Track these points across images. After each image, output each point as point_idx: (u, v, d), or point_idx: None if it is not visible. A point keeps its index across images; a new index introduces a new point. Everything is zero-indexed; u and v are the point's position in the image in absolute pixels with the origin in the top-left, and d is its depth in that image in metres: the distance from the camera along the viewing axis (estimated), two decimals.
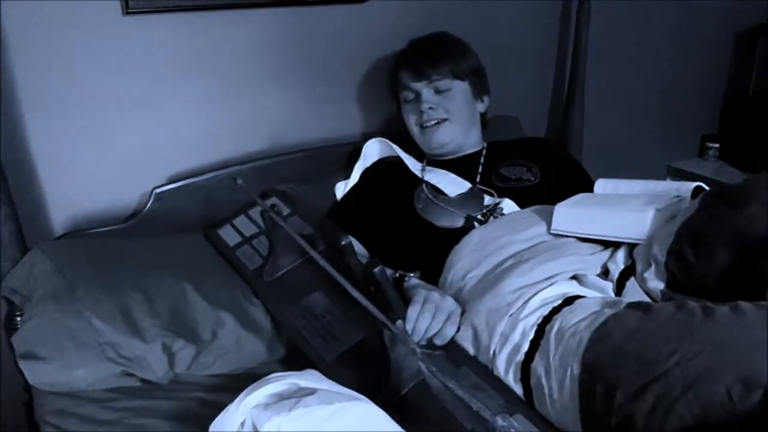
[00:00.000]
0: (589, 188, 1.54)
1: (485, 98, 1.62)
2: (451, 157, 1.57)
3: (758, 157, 2.32)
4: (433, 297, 1.15)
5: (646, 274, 1.11)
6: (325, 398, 0.89)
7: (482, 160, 1.56)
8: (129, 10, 1.46)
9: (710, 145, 2.49)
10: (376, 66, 1.81)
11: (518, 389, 1.03)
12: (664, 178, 2.45)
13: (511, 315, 1.08)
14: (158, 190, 1.56)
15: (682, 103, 2.44)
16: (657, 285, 1.09)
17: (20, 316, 1.33)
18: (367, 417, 0.92)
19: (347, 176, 1.64)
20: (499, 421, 0.82)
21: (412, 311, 1.12)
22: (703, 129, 2.55)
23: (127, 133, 1.55)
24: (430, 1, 1.82)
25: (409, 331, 1.09)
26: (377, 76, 1.82)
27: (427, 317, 1.12)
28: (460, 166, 1.54)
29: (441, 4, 1.84)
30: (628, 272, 1.16)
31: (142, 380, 1.21)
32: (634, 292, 1.13)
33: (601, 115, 2.15)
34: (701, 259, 1.03)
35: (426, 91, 1.52)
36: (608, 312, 0.98)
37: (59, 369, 1.17)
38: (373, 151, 1.63)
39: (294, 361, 1.22)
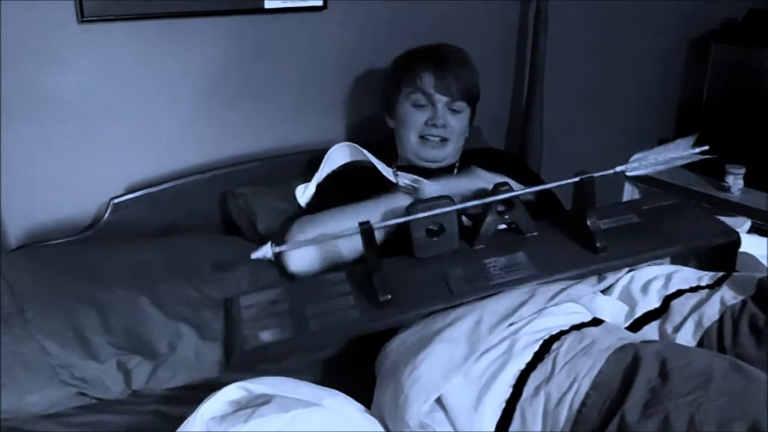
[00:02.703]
0: (552, 202, 1.56)
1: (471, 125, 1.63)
2: (424, 165, 1.56)
3: (712, 161, 2.38)
4: None
5: (679, 333, 1.13)
6: (282, 406, 0.89)
7: (455, 172, 1.57)
8: (84, 18, 1.44)
9: None
10: (338, 74, 1.82)
11: (506, 394, 1.00)
12: (622, 183, 2.51)
13: (511, 324, 1.08)
14: (116, 200, 1.54)
15: (638, 108, 2.50)
16: (688, 343, 1.11)
17: None
18: (326, 423, 0.93)
19: (308, 181, 1.63)
20: None
21: None
22: (660, 134, 2.61)
23: (84, 142, 1.53)
24: (392, 9, 1.84)
25: None
26: (340, 83, 1.82)
27: None
28: (433, 175, 1.53)
29: (403, 12, 1.85)
30: (651, 315, 1.18)
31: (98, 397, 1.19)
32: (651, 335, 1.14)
33: (560, 122, 2.18)
34: (760, 345, 1.06)
35: (442, 106, 1.51)
36: (628, 340, 1.01)
37: (11, 396, 1.13)
38: (339, 155, 1.61)
39: (254, 371, 1.22)
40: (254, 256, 1.11)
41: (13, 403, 1.13)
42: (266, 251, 1.11)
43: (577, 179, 1.24)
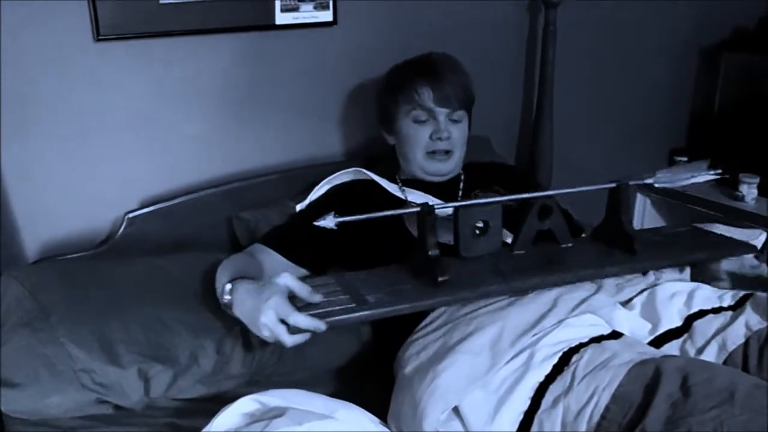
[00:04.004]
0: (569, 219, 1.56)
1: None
2: (431, 179, 1.55)
3: (725, 169, 2.36)
4: None
5: (702, 355, 1.12)
6: (295, 418, 0.90)
7: (461, 185, 1.57)
8: (100, 37, 1.47)
9: (678, 158, 2.54)
10: (348, 88, 1.83)
11: (524, 405, 1.01)
12: (634, 194, 2.50)
13: (535, 335, 1.08)
14: (131, 215, 1.56)
15: (650, 117, 2.49)
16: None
17: None
18: None
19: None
20: None
21: None
22: (672, 143, 2.60)
23: (99, 157, 1.55)
24: (402, 24, 1.85)
25: None
26: (349, 98, 1.84)
27: None
28: (439, 189, 1.53)
29: (412, 25, 1.87)
30: (673, 334, 1.18)
31: (116, 405, 1.20)
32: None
33: (570, 131, 2.18)
34: None
35: (443, 119, 1.49)
36: (649, 355, 1.01)
37: (33, 397, 1.15)
38: (341, 176, 1.59)
39: (265, 383, 1.23)
40: (317, 223, 1.13)
41: (35, 405, 1.15)
42: (329, 221, 1.12)
43: (613, 185, 1.30)
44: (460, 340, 1.09)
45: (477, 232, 1.23)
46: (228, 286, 1.17)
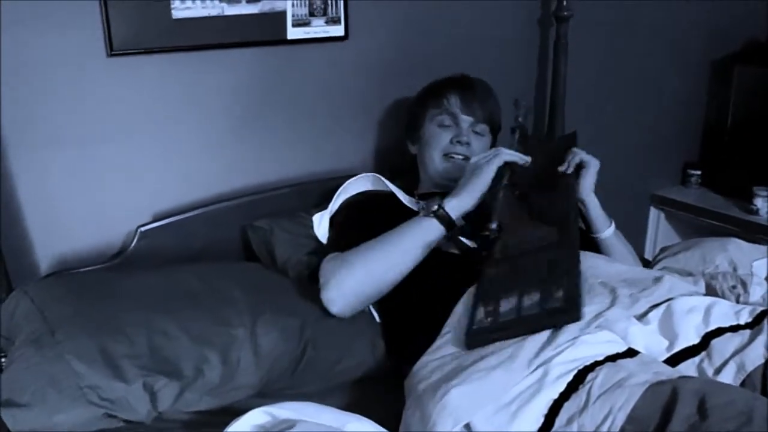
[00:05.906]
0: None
1: None
2: (448, 184, 1.54)
3: (739, 183, 2.35)
4: None
5: (720, 375, 1.10)
6: (306, 431, 0.89)
7: None
8: (113, 52, 1.48)
9: (692, 172, 2.53)
10: (359, 102, 1.84)
11: (537, 423, 0.99)
12: (647, 207, 2.49)
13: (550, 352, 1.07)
14: (143, 228, 1.57)
15: (662, 131, 2.48)
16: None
17: (5, 357, 1.32)
18: None
19: (325, 209, 1.62)
20: None
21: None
22: (685, 157, 2.59)
23: (112, 172, 1.57)
24: (413, 38, 1.86)
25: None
26: (361, 111, 1.85)
27: None
28: None
29: (423, 40, 1.88)
30: (690, 351, 1.16)
31: (125, 419, 1.20)
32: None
33: (582, 145, 2.17)
34: None
35: (466, 126, 1.57)
36: (665, 375, 0.99)
37: (40, 415, 1.14)
38: (356, 185, 1.62)
39: (276, 395, 1.22)
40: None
41: (43, 423, 1.14)
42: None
43: (516, 135, 1.53)
44: (474, 361, 1.08)
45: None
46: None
